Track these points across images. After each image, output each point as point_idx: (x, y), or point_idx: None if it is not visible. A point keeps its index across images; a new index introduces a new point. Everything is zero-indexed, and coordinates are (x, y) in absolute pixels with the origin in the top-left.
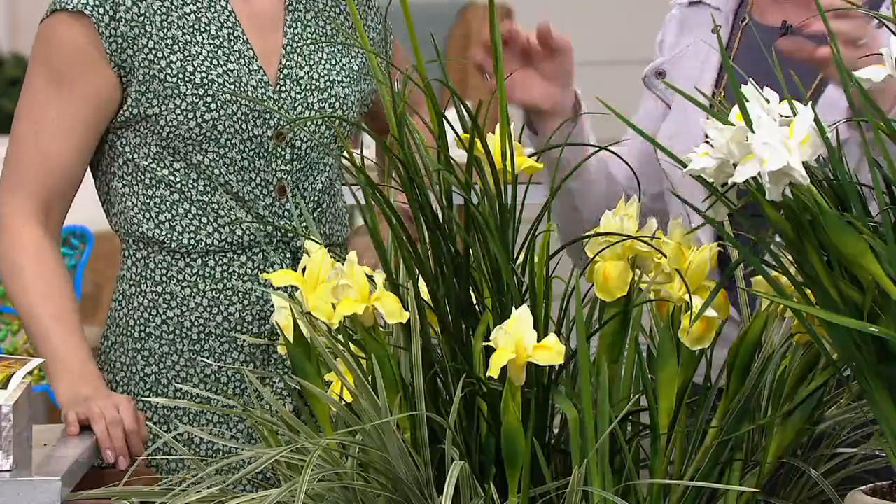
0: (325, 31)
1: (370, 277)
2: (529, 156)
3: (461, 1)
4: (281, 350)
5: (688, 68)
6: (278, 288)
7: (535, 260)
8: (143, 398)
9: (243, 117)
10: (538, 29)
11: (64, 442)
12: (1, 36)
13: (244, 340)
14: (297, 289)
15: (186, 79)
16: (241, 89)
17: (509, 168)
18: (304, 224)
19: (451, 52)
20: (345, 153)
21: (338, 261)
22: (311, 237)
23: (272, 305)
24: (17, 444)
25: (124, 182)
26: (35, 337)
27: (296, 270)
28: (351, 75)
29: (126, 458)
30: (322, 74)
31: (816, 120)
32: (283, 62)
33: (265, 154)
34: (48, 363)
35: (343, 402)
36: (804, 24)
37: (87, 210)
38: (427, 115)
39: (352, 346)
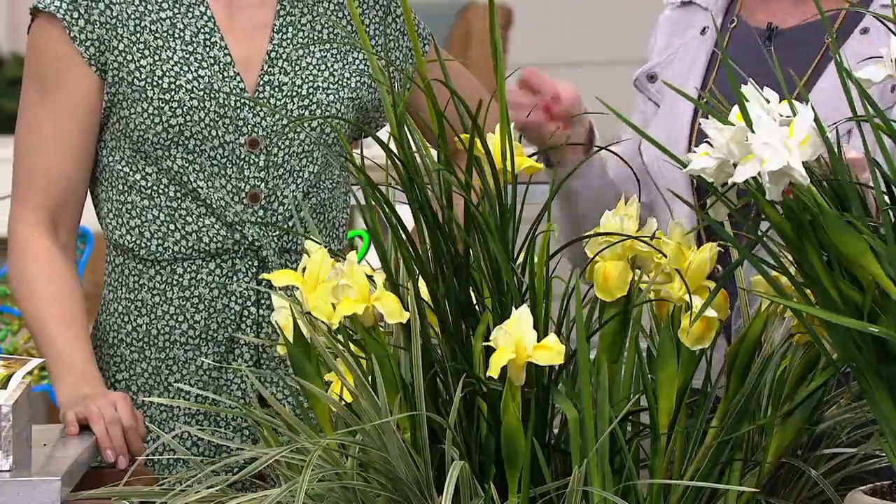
0: (320, 35)
1: (370, 277)
2: (530, 156)
3: (461, 1)
4: (280, 350)
5: (677, 71)
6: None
7: (535, 260)
8: (143, 397)
9: (212, 123)
10: (525, 79)
11: (64, 442)
12: (1, 36)
13: (210, 348)
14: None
15: (154, 83)
16: (213, 95)
17: (509, 168)
18: (292, 226)
19: (452, 52)
20: (343, 156)
21: None
22: (312, 237)
23: (233, 313)
24: (17, 444)
25: (103, 188)
26: (40, 339)
27: (259, 280)
28: (340, 82)
29: (126, 458)
30: (306, 81)
31: (816, 120)
32: (266, 68)
33: (237, 161)
34: (52, 364)
35: (343, 402)
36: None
37: (87, 210)
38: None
39: (352, 346)
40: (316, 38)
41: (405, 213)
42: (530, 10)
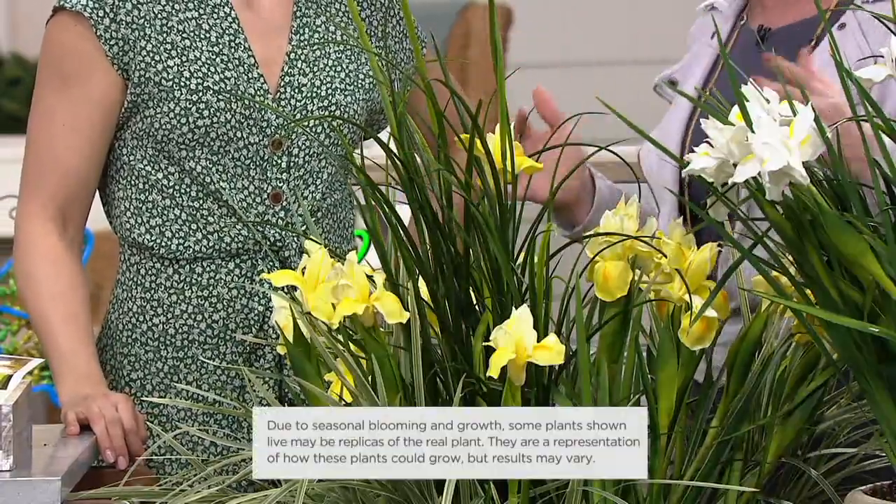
0: (334, 36)
1: (370, 277)
2: (529, 156)
3: (461, 1)
4: (280, 350)
5: (690, 74)
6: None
7: (535, 260)
8: (143, 399)
9: (237, 125)
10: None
11: (64, 442)
12: (1, 36)
13: (228, 348)
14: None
15: (182, 84)
16: (238, 97)
17: (509, 168)
18: (304, 229)
19: (452, 52)
20: (346, 156)
21: None
22: (311, 237)
23: (256, 314)
24: (17, 444)
25: (120, 186)
26: (44, 338)
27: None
28: (356, 83)
29: (125, 458)
30: (325, 82)
31: (816, 120)
32: (286, 69)
33: (260, 162)
34: (55, 363)
35: (343, 403)
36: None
37: None
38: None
39: (352, 346)
40: (330, 38)
41: (405, 213)
42: (530, 10)
